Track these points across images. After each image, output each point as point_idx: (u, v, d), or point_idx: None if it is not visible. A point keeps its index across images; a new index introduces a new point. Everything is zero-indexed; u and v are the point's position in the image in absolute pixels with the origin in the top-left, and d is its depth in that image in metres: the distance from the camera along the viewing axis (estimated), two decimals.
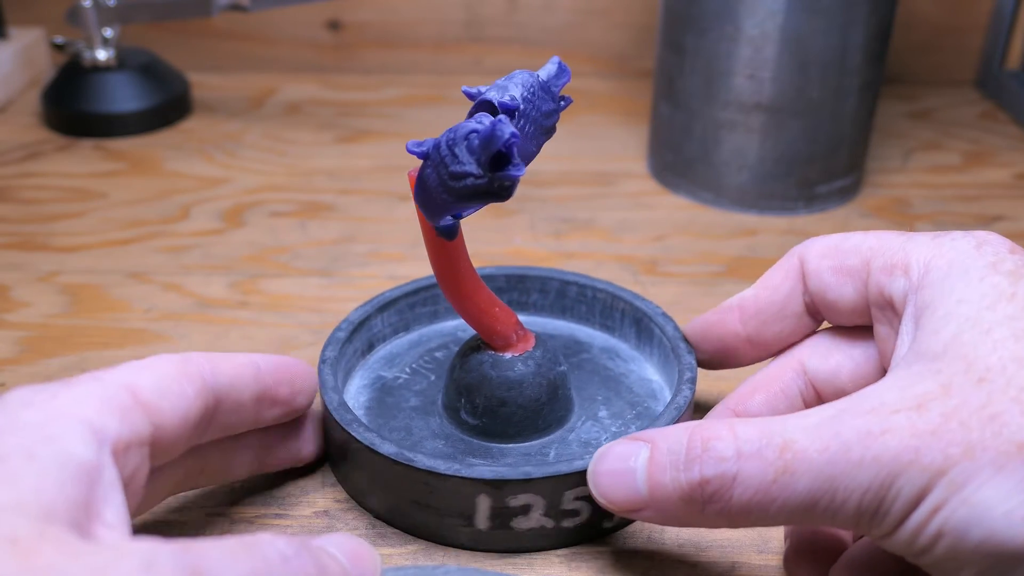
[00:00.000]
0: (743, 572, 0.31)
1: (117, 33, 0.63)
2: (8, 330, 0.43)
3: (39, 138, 0.62)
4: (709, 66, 0.52)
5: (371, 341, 0.39)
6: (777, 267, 0.33)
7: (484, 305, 0.33)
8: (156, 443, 0.25)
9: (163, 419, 0.25)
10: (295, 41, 0.73)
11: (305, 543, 0.23)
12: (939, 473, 0.23)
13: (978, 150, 0.63)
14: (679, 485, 0.26)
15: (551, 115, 0.29)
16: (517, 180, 0.27)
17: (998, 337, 0.24)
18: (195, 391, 0.27)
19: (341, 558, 0.24)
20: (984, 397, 0.23)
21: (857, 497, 0.24)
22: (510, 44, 0.73)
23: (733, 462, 0.25)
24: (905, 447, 0.23)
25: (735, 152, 0.53)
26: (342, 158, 0.60)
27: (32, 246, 0.50)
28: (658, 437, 0.27)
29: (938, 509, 0.23)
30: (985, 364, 0.24)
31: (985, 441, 0.23)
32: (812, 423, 0.25)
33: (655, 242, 0.51)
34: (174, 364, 0.27)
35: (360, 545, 0.25)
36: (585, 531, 0.32)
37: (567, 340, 0.40)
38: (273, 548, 0.22)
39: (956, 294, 0.26)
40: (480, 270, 0.39)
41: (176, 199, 0.55)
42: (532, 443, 0.34)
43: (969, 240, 0.27)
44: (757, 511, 0.25)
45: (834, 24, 0.49)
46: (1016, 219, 0.54)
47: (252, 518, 0.33)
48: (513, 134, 0.26)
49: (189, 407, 0.26)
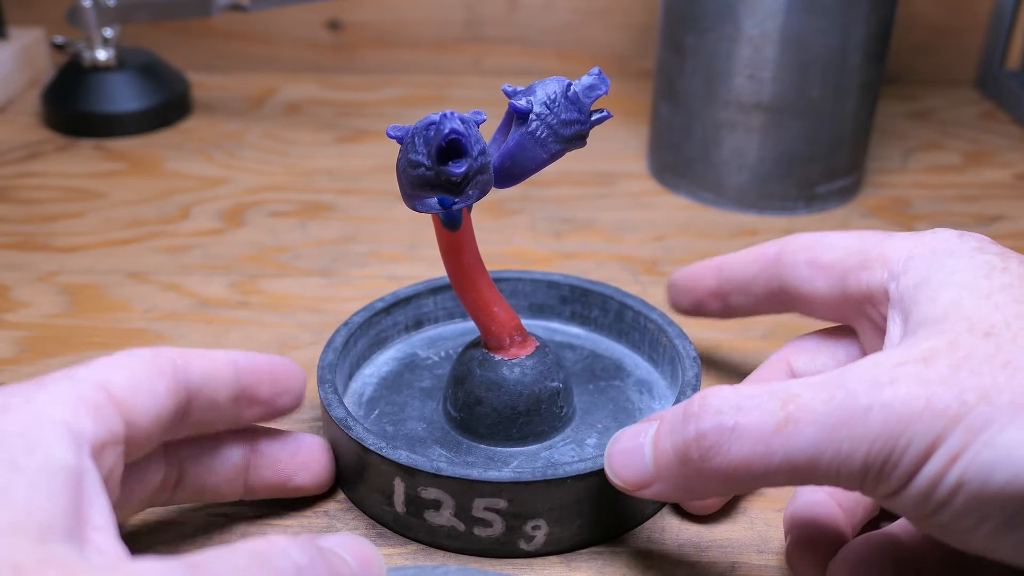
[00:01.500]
0: (743, 572, 0.31)
1: (117, 33, 0.63)
2: (8, 330, 0.43)
3: (39, 138, 0.62)
4: (709, 66, 0.52)
5: (420, 319, 0.40)
6: (757, 247, 0.34)
7: (482, 302, 0.33)
8: (130, 440, 0.25)
9: (136, 416, 0.25)
10: (295, 41, 0.73)
11: (317, 548, 0.22)
12: (955, 419, 0.22)
13: (978, 150, 0.63)
14: (676, 445, 0.25)
15: (571, 124, 0.29)
16: (459, 176, 0.28)
17: (999, 301, 0.24)
18: (166, 387, 0.26)
19: (351, 561, 0.24)
20: (992, 348, 0.23)
21: (864, 448, 0.23)
22: (510, 44, 0.73)
23: (731, 414, 0.24)
24: (915, 395, 0.22)
25: (735, 152, 0.53)
26: (342, 158, 0.60)
27: (32, 246, 0.50)
28: (667, 412, 0.27)
29: (957, 456, 0.22)
30: (989, 322, 0.23)
31: (999, 384, 0.22)
32: (817, 379, 0.24)
33: (655, 242, 0.51)
34: (145, 360, 0.26)
35: (366, 546, 0.25)
36: (499, 546, 0.31)
37: (610, 363, 0.39)
38: (286, 559, 0.21)
39: (948, 267, 0.26)
40: (547, 275, 0.40)
41: (176, 199, 0.55)
42: (502, 448, 0.34)
43: (950, 232, 0.28)
44: (758, 466, 0.24)
45: (834, 24, 0.49)
46: (1016, 219, 0.54)
47: (252, 518, 0.33)
48: (453, 130, 0.27)
49: (162, 404, 0.26)
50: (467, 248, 0.32)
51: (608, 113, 0.30)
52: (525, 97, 0.30)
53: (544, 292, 0.41)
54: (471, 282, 0.33)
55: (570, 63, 0.74)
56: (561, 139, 0.29)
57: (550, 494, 0.30)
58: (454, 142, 0.27)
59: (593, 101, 0.30)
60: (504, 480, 0.30)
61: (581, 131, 0.29)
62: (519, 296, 0.41)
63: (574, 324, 0.41)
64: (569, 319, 0.41)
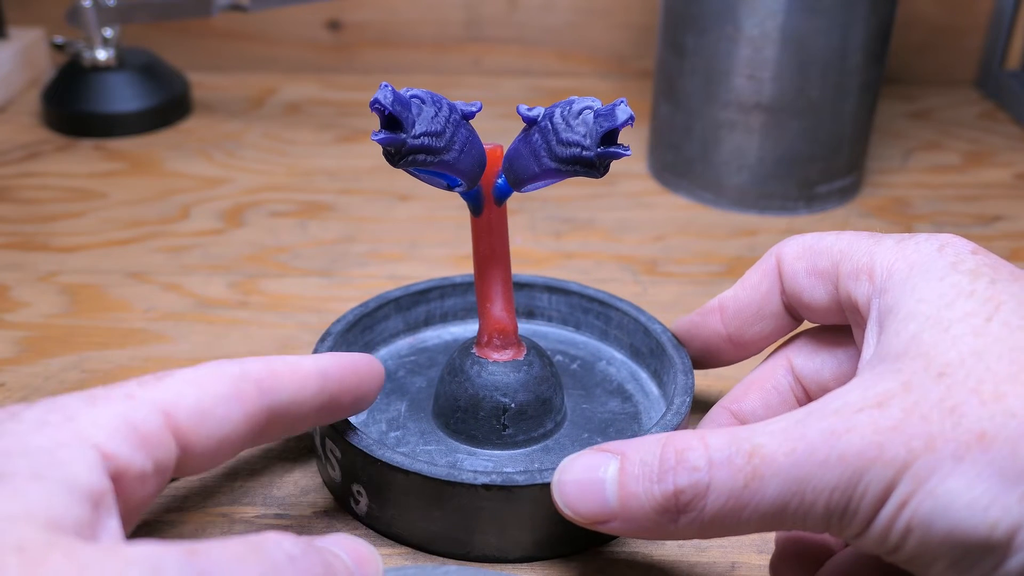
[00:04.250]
0: (743, 572, 0.31)
1: (117, 33, 0.63)
2: (8, 330, 0.43)
3: (39, 138, 0.62)
4: (709, 66, 0.52)
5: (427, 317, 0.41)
6: (756, 267, 0.33)
7: (480, 297, 0.34)
8: (183, 464, 0.24)
9: (196, 443, 0.24)
10: (295, 41, 0.73)
11: (310, 542, 0.23)
12: (903, 467, 0.23)
13: (978, 150, 0.63)
14: (652, 496, 0.25)
15: (570, 146, 0.29)
16: (621, 157, 0.29)
17: (956, 333, 0.24)
18: (244, 414, 0.25)
19: (346, 558, 0.24)
20: (943, 391, 0.23)
21: (825, 497, 0.23)
22: (510, 44, 0.73)
23: (706, 472, 0.25)
24: (868, 443, 0.23)
25: (735, 152, 0.53)
26: (342, 158, 0.60)
27: (32, 246, 0.50)
28: (628, 449, 0.26)
29: (905, 503, 0.23)
30: (944, 360, 0.24)
31: (946, 433, 0.23)
32: (779, 428, 0.24)
33: (655, 242, 0.51)
34: (227, 382, 0.25)
35: (362, 546, 0.25)
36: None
37: (600, 370, 0.39)
38: (279, 549, 0.21)
39: (916, 294, 0.26)
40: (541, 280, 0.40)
41: (176, 199, 0.55)
42: (458, 445, 0.34)
43: (932, 243, 0.27)
44: (730, 519, 0.25)
45: (834, 24, 0.49)
46: (1016, 219, 0.54)
47: (252, 518, 0.33)
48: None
49: (234, 430, 0.25)
50: (484, 237, 0.33)
51: (626, 151, 0.28)
52: (537, 109, 0.30)
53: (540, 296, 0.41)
54: (478, 273, 0.33)
55: (570, 63, 0.74)
56: (556, 157, 0.29)
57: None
58: (390, 116, 0.27)
59: (605, 131, 0.28)
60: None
61: (582, 156, 0.29)
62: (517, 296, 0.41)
63: (568, 329, 0.41)
64: (564, 325, 0.41)
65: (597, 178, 0.29)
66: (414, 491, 0.30)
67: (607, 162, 0.29)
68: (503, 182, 0.32)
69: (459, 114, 0.29)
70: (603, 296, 0.39)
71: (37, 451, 0.21)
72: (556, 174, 0.30)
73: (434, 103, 0.28)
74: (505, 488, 0.29)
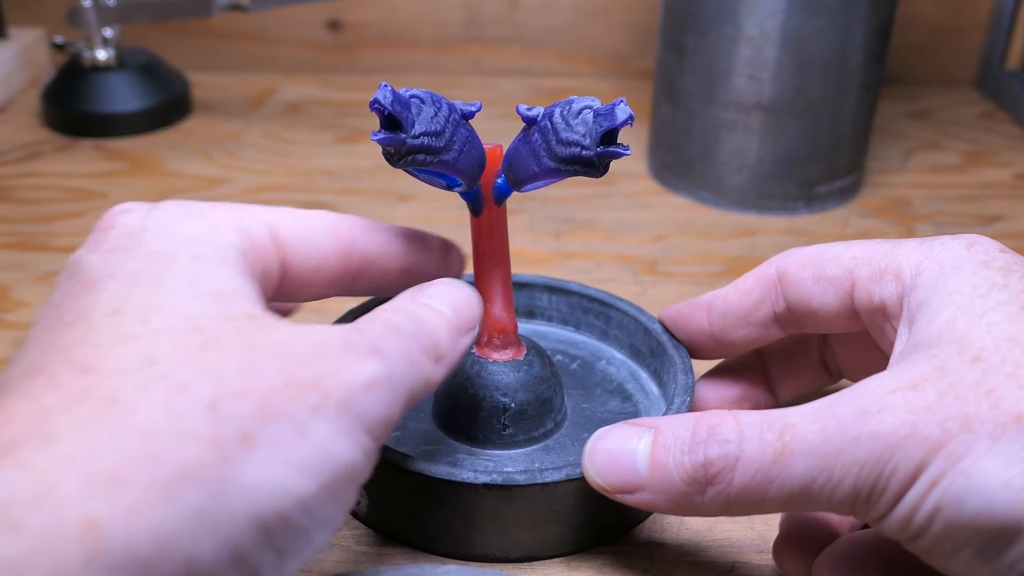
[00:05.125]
0: (743, 572, 0.31)
1: (117, 33, 0.63)
2: (8, 330, 0.43)
3: (39, 138, 0.62)
4: (709, 66, 0.52)
5: None
6: (752, 273, 0.33)
7: (480, 296, 0.33)
8: (283, 286, 0.26)
9: (296, 263, 0.26)
10: (295, 41, 0.73)
11: (414, 298, 0.26)
12: (937, 446, 0.23)
13: (978, 150, 0.63)
14: (682, 467, 0.26)
15: (570, 146, 0.29)
16: (621, 157, 0.29)
17: (991, 320, 0.24)
18: (337, 249, 0.27)
19: (447, 311, 0.26)
20: (979, 374, 0.23)
21: (854, 474, 0.24)
22: (510, 44, 0.73)
23: (736, 444, 0.25)
24: (902, 422, 0.23)
25: (735, 152, 0.53)
26: (342, 158, 0.60)
27: (32, 246, 0.50)
28: (662, 423, 0.27)
29: (936, 482, 0.23)
30: (979, 345, 0.24)
31: (982, 414, 0.23)
32: (812, 408, 0.25)
33: (655, 242, 0.51)
34: (326, 219, 0.27)
35: (461, 292, 0.27)
36: None
37: (600, 370, 0.39)
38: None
39: (949, 286, 0.26)
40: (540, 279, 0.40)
41: (176, 199, 0.55)
42: (458, 444, 0.34)
43: (960, 242, 0.27)
44: (756, 494, 0.25)
45: (834, 24, 0.49)
46: (1016, 219, 0.54)
47: None
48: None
49: (325, 261, 0.27)
50: (484, 236, 0.33)
51: (626, 150, 0.29)
52: (537, 109, 0.30)
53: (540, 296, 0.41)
54: (478, 273, 0.34)
55: (570, 63, 0.74)
56: (555, 157, 0.29)
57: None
58: (390, 116, 0.27)
59: (605, 130, 0.28)
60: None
61: (581, 156, 0.29)
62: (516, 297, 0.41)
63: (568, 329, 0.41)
64: (565, 325, 0.41)
65: (597, 178, 0.30)
66: (414, 491, 0.30)
67: (607, 162, 0.29)
68: (503, 182, 0.32)
69: (459, 114, 0.29)
70: (603, 296, 0.39)
71: (192, 236, 0.24)
72: (556, 174, 0.30)
73: (434, 103, 0.28)
74: (505, 488, 0.29)
